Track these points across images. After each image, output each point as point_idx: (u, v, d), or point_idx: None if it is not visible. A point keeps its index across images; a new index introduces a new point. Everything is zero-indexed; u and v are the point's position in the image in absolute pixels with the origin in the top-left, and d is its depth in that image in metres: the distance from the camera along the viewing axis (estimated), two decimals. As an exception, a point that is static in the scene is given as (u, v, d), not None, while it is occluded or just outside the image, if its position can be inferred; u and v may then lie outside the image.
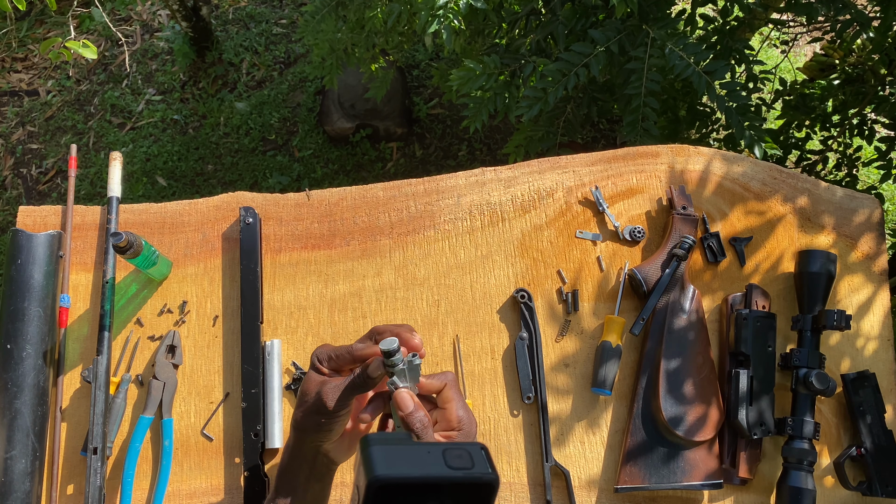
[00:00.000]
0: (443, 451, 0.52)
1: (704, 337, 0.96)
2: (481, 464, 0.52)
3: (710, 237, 1.01)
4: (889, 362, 0.99)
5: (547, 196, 1.02)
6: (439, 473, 0.51)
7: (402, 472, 0.51)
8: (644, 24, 1.25)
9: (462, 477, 0.51)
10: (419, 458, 0.52)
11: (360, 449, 0.54)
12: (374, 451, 0.52)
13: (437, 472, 0.51)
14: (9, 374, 0.90)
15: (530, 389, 0.95)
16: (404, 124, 2.46)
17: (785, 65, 2.53)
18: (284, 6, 2.76)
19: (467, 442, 0.56)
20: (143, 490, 0.92)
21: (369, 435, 0.54)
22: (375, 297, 0.99)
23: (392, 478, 0.50)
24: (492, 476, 0.51)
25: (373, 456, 0.52)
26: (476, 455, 0.53)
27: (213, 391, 0.95)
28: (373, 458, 0.51)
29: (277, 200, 1.02)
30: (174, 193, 2.44)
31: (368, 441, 0.53)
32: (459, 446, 0.53)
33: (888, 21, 1.30)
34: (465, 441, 0.69)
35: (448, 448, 0.53)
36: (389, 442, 0.54)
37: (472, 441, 0.62)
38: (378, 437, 0.54)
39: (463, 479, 0.51)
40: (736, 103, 1.20)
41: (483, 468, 0.52)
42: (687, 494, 0.94)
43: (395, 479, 0.50)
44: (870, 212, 1.04)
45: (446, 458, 0.52)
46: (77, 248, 0.99)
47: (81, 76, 2.66)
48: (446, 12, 1.16)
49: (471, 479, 0.51)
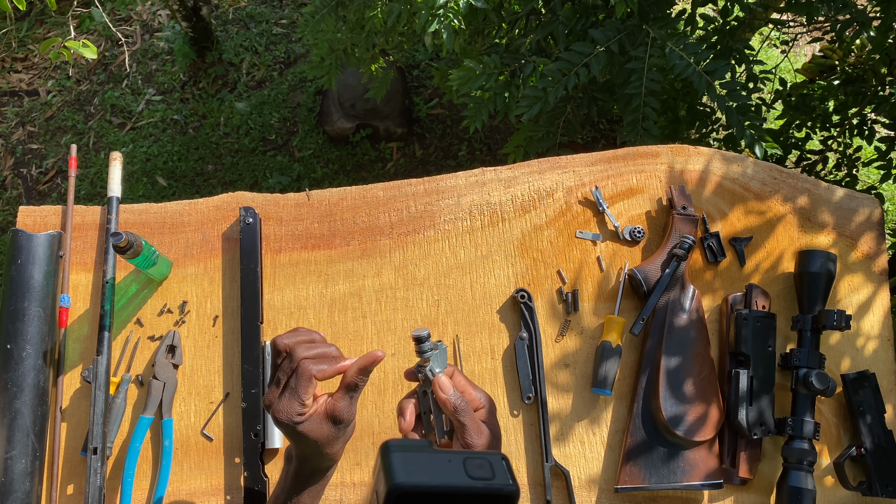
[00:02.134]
0: (463, 460, 0.52)
1: (704, 337, 0.96)
2: (502, 475, 0.52)
3: (710, 237, 1.01)
4: (889, 362, 0.99)
5: (547, 196, 1.02)
6: (460, 483, 0.51)
7: (423, 481, 0.50)
8: (644, 24, 1.25)
9: (482, 488, 0.51)
10: (440, 466, 0.52)
11: (380, 455, 0.53)
12: (395, 458, 0.52)
13: (457, 482, 0.51)
14: (9, 374, 0.90)
15: (530, 389, 0.95)
16: (404, 124, 2.46)
17: (785, 65, 2.53)
18: (284, 6, 2.76)
19: (488, 452, 0.55)
20: (143, 490, 0.92)
21: (390, 441, 0.54)
22: (375, 297, 0.99)
23: (412, 486, 0.50)
24: (512, 488, 0.51)
25: (393, 463, 0.51)
26: (497, 465, 0.52)
27: (213, 391, 0.95)
28: (393, 465, 0.51)
29: (277, 200, 1.02)
30: (174, 193, 2.44)
31: (389, 447, 0.53)
32: (481, 456, 0.53)
33: (888, 21, 1.30)
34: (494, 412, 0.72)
35: (469, 457, 0.52)
36: (410, 449, 0.53)
37: (495, 451, 0.63)
38: (399, 443, 0.54)
39: (483, 489, 0.51)
40: (736, 103, 1.20)
41: (504, 479, 0.51)
42: (687, 494, 0.94)
43: (415, 487, 0.50)
44: (870, 212, 1.04)
45: (467, 468, 0.52)
46: (77, 248, 0.99)
47: (81, 76, 2.66)
48: (446, 12, 1.16)
49: (491, 490, 0.51)
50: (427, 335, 0.71)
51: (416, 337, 0.72)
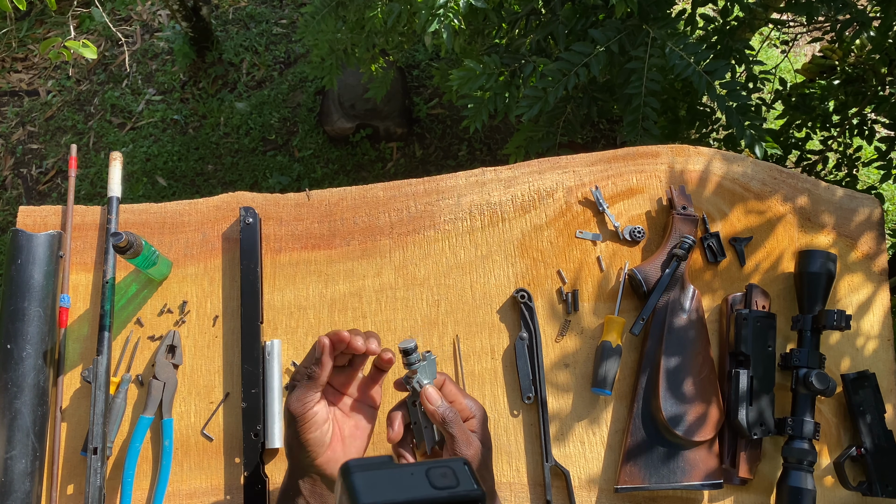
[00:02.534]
0: (426, 472, 0.52)
1: (704, 337, 0.96)
2: (466, 481, 0.52)
3: (710, 237, 1.01)
4: (889, 362, 0.99)
5: (547, 196, 1.02)
6: (425, 495, 0.51)
7: (387, 498, 0.50)
8: (644, 24, 1.26)
9: (448, 497, 0.51)
10: (403, 480, 0.52)
11: (341, 477, 0.53)
12: (357, 479, 0.52)
13: (422, 494, 0.51)
14: (9, 374, 0.90)
15: (530, 389, 0.95)
16: (404, 124, 2.46)
17: (785, 65, 2.53)
18: (284, 6, 2.76)
19: (449, 459, 0.55)
20: (143, 490, 0.92)
21: (349, 462, 0.54)
22: (375, 297, 0.99)
23: None
24: (477, 492, 0.51)
25: (355, 484, 0.51)
26: (460, 472, 0.52)
27: (213, 391, 0.95)
28: (355, 485, 0.51)
29: (277, 200, 1.02)
30: (174, 193, 2.44)
31: (349, 469, 0.53)
32: (442, 464, 0.53)
33: (888, 21, 1.30)
34: (485, 422, 0.73)
35: (431, 467, 0.53)
36: (370, 467, 0.53)
37: (456, 457, 0.64)
38: (358, 463, 0.54)
39: (449, 498, 0.51)
40: (736, 103, 1.20)
41: (468, 485, 0.52)
42: (687, 494, 0.94)
43: None
44: (870, 211, 1.04)
45: (430, 479, 0.52)
46: (77, 248, 0.99)
47: (81, 76, 2.66)
48: (446, 12, 1.16)
49: (457, 497, 0.51)
50: (414, 347, 0.72)
51: (403, 350, 0.72)
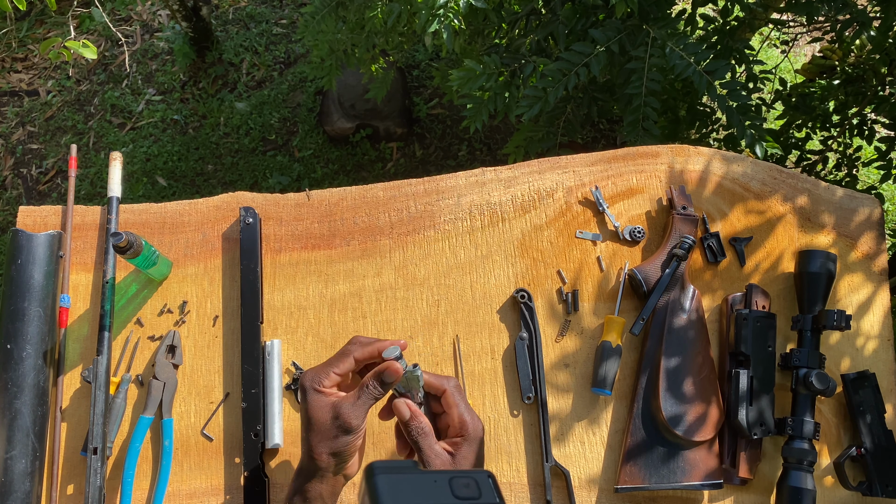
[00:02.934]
0: (449, 480, 0.52)
1: (704, 337, 0.96)
2: (488, 493, 0.52)
3: (710, 237, 1.01)
4: (889, 362, 0.99)
5: (547, 196, 1.02)
6: None
7: None
8: (644, 24, 1.26)
9: None
10: (426, 487, 0.52)
11: (364, 478, 0.53)
12: (380, 481, 0.51)
13: (444, 503, 0.51)
14: (9, 374, 0.90)
15: (530, 389, 0.95)
16: (404, 124, 2.46)
17: (785, 65, 2.53)
18: (284, 6, 2.76)
19: (474, 470, 0.55)
20: (143, 490, 0.92)
21: (374, 463, 0.54)
22: (375, 297, 0.99)
23: None
24: None
25: (378, 486, 0.51)
26: (483, 484, 0.52)
27: (213, 391, 0.95)
28: (378, 488, 0.51)
29: (277, 200, 1.02)
30: (174, 193, 2.44)
31: (374, 470, 0.53)
32: (466, 475, 0.53)
33: (888, 21, 1.30)
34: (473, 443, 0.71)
35: (455, 476, 0.52)
36: (395, 470, 0.53)
37: (481, 469, 0.63)
38: (383, 465, 0.54)
39: None
40: (736, 103, 1.20)
41: (490, 498, 0.51)
42: (687, 494, 0.94)
43: None
44: (870, 211, 1.04)
45: (453, 488, 0.51)
46: (77, 248, 0.99)
47: (81, 76, 2.66)
48: (446, 12, 1.16)
49: None
50: (398, 356, 0.71)
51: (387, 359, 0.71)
